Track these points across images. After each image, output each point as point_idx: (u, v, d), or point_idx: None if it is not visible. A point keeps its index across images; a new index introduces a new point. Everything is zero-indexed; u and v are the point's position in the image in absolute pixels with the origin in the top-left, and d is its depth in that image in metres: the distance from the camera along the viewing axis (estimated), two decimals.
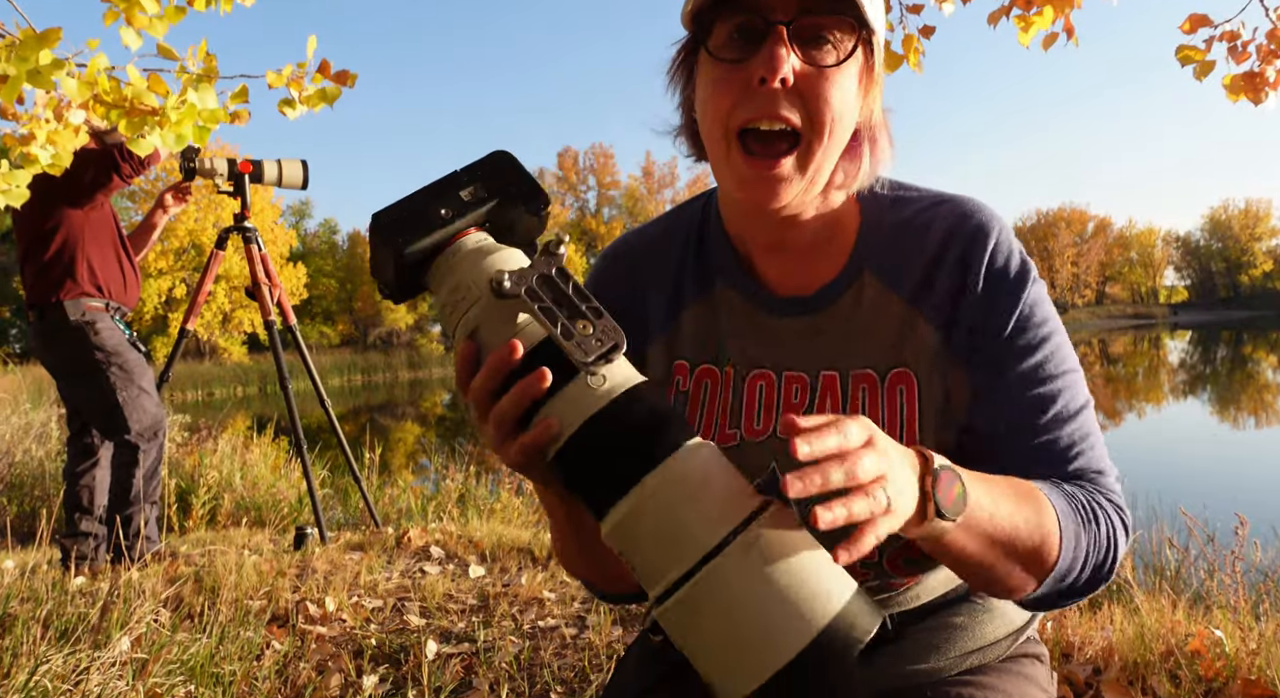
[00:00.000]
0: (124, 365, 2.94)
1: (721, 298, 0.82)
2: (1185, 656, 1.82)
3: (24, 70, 1.63)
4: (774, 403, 0.78)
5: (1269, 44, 2.59)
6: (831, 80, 0.68)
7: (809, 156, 0.70)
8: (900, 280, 0.76)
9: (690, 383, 0.82)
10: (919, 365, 0.74)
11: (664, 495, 0.53)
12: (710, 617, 0.50)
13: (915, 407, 0.74)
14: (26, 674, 1.69)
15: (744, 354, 0.80)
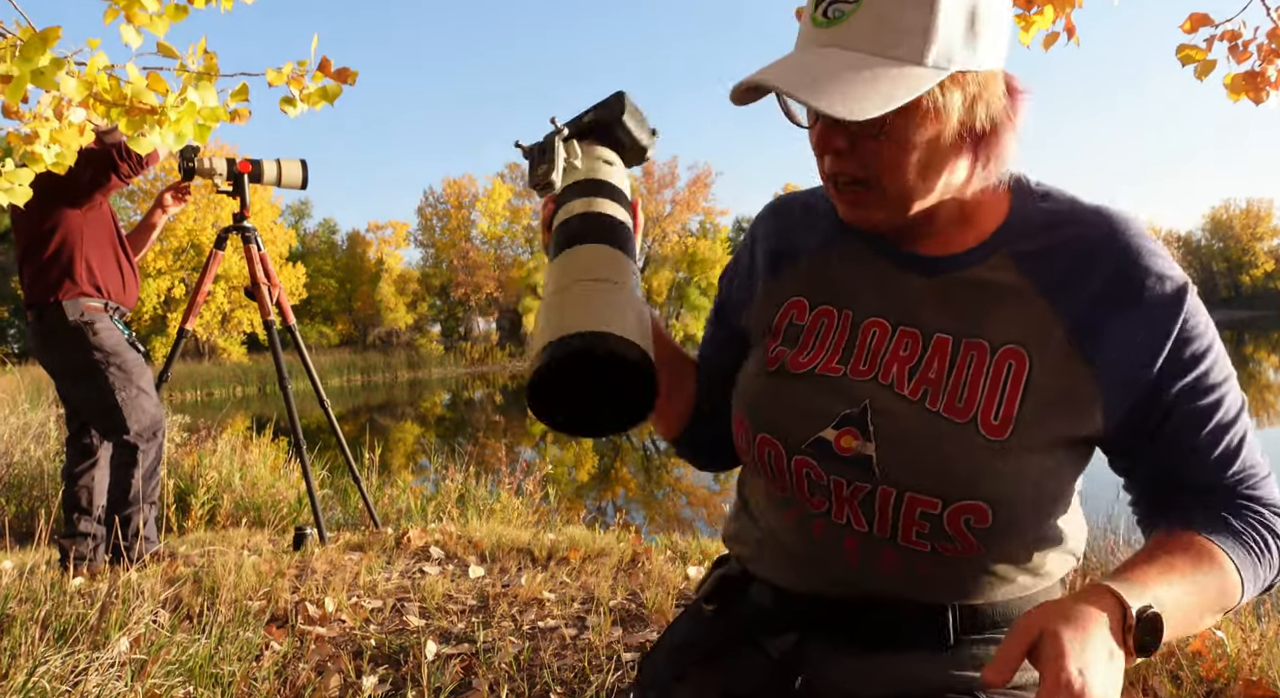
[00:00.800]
0: (123, 366, 2.94)
1: (850, 247, 0.87)
2: (1186, 656, 1.81)
3: (28, 70, 1.63)
4: (882, 350, 0.81)
5: (1270, 43, 2.59)
6: (883, 141, 0.72)
7: (884, 194, 0.75)
8: (1038, 268, 0.77)
9: (808, 318, 0.87)
10: (1036, 351, 0.75)
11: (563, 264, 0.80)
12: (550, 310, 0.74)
13: (1020, 384, 0.75)
14: (25, 675, 1.68)
15: (863, 301, 0.85)
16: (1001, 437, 0.74)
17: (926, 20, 0.68)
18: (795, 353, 0.86)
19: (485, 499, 4.60)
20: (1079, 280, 0.75)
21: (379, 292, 40.84)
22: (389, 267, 42.25)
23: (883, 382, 0.80)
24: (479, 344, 41.38)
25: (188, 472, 4.61)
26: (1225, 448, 0.75)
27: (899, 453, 0.77)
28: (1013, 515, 0.75)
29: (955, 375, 0.77)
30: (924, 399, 0.77)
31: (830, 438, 0.80)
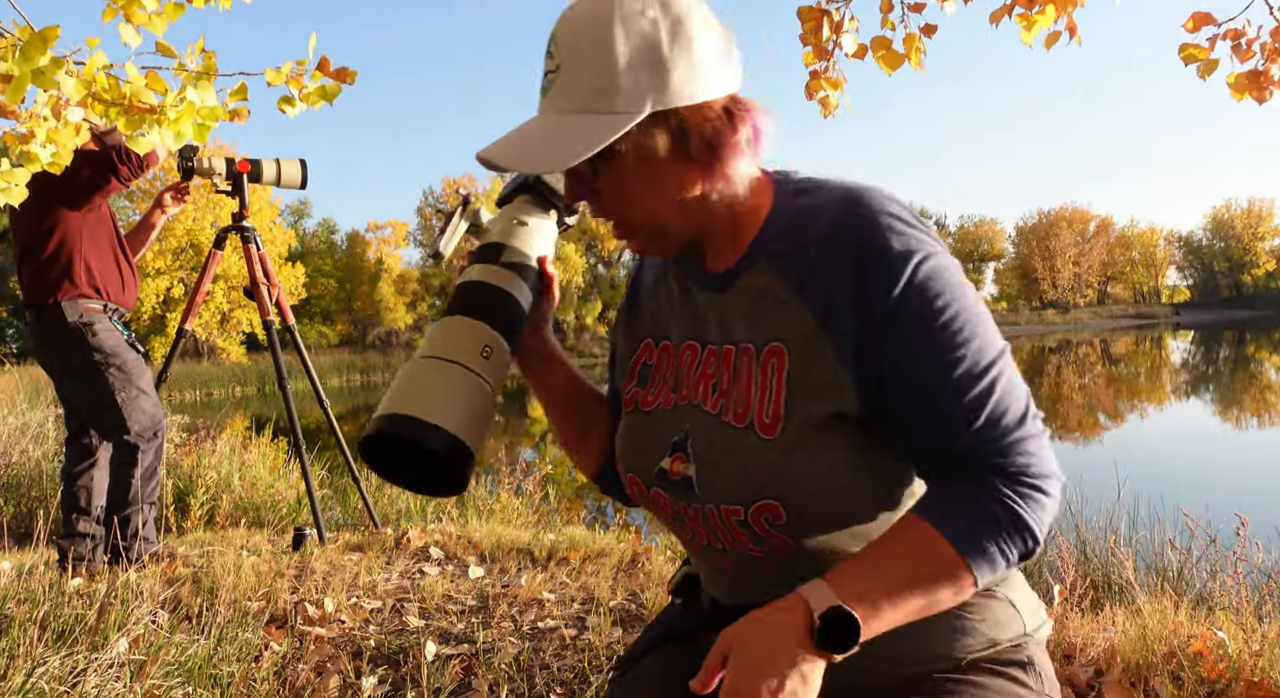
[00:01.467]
0: (122, 366, 2.93)
1: (675, 279, 0.94)
2: (1188, 657, 1.81)
3: (28, 70, 1.62)
4: (694, 372, 0.89)
5: (1273, 42, 2.58)
6: (607, 190, 0.81)
7: (641, 229, 0.83)
8: (788, 266, 0.81)
9: (655, 356, 0.95)
10: (793, 343, 0.80)
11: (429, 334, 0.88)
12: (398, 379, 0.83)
13: (783, 379, 0.80)
14: (23, 676, 1.68)
15: (681, 327, 0.92)
16: (774, 435, 0.79)
17: (607, 75, 0.75)
18: (645, 392, 0.93)
19: (485, 499, 4.60)
20: (823, 267, 0.79)
21: (378, 292, 40.84)
22: (389, 266, 42.24)
23: (695, 402, 0.87)
24: None
25: (187, 472, 4.61)
26: (965, 409, 0.75)
27: (707, 467, 0.84)
28: (804, 507, 0.79)
29: (736, 383, 0.83)
30: (720, 412, 0.84)
31: (666, 466, 0.88)
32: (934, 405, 0.75)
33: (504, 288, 0.90)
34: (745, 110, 0.81)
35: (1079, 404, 13.09)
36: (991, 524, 0.73)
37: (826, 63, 2.83)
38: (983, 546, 0.73)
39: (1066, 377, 18.82)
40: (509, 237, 0.94)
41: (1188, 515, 2.92)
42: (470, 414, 0.79)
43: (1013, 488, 0.74)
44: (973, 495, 0.75)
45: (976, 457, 0.75)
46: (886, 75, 2.78)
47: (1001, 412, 0.75)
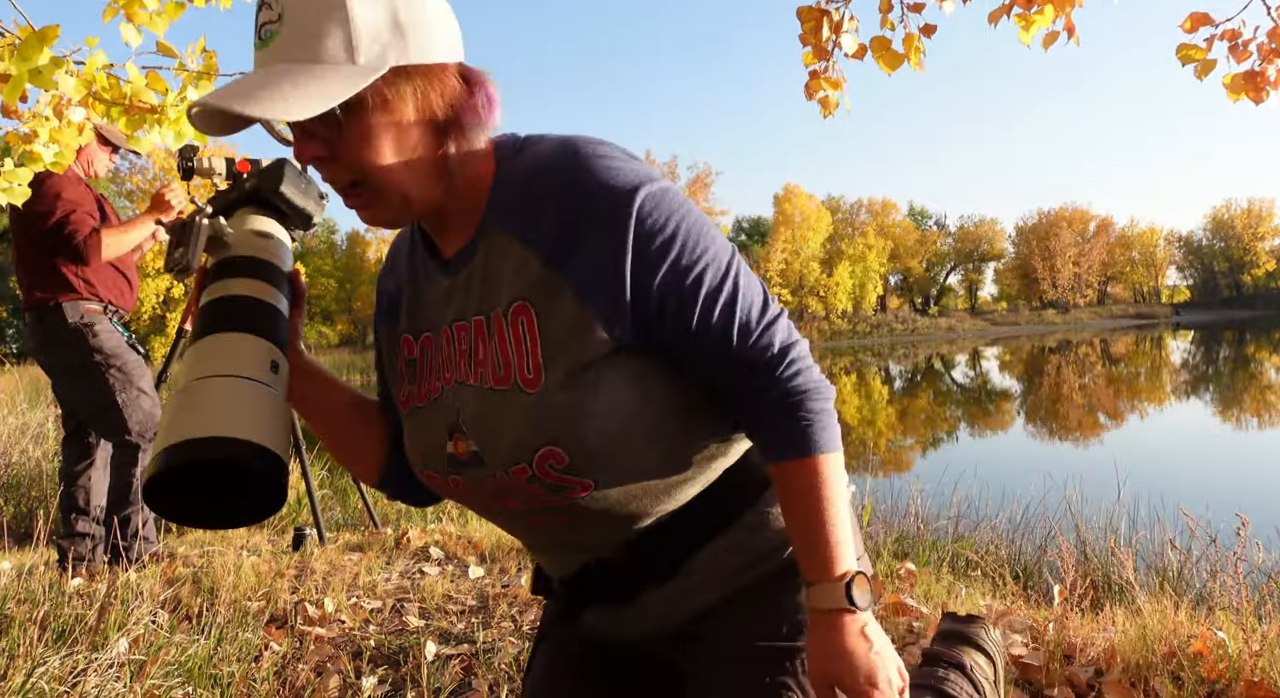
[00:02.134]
0: (123, 367, 2.93)
1: (424, 270, 0.93)
2: (1188, 657, 1.81)
3: (26, 69, 1.63)
4: (452, 354, 0.89)
5: (1270, 43, 2.58)
6: (352, 138, 0.77)
7: (380, 190, 0.80)
8: (520, 226, 0.83)
9: (417, 349, 0.94)
10: (534, 298, 0.82)
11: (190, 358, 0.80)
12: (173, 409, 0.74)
13: (535, 334, 0.82)
14: (23, 676, 1.68)
15: (436, 315, 0.92)
16: (538, 387, 0.81)
17: (344, 28, 0.73)
18: (416, 389, 0.94)
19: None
20: (549, 218, 0.81)
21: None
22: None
23: (460, 379, 0.88)
24: None
25: None
26: (722, 325, 0.82)
27: (484, 436, 0.85)
28: (581, 444, 0.81)
29: (490, 350, 0.85)
30: (482, 381, 0.85)
31: (452, 450, 0.89)
32: (695, 324, 0.81)
33: (271, 302, 0.85)
34: (477, 75, 0.82)
35: (1079, 404, 13.09)
36: (810, 412, 0.84)
37: (826, 63, 2.83)
38: (822, 433, 0.84)
39: (1066, 377, 18.82)
40: (259, 250, 0.88)
41: (1188, 515, 2.92)
42: (277, 431, 0.73)
43: (788, 374, 0.84)
44: (777, 403, 0.84)
45: (752, 363, 0.83)
46: (886, 75, 2.78)
47: (748, 309, 0.83)
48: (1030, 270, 61.87)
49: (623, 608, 0.95)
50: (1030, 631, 2.08)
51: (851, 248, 54.73)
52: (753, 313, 0.83)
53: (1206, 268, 69.67)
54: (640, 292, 0.80)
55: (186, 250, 0.84)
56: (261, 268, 0.87)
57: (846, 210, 59.67)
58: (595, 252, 0.79)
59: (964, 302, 69.43)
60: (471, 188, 0.85)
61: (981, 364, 26.91)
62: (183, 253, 0.85)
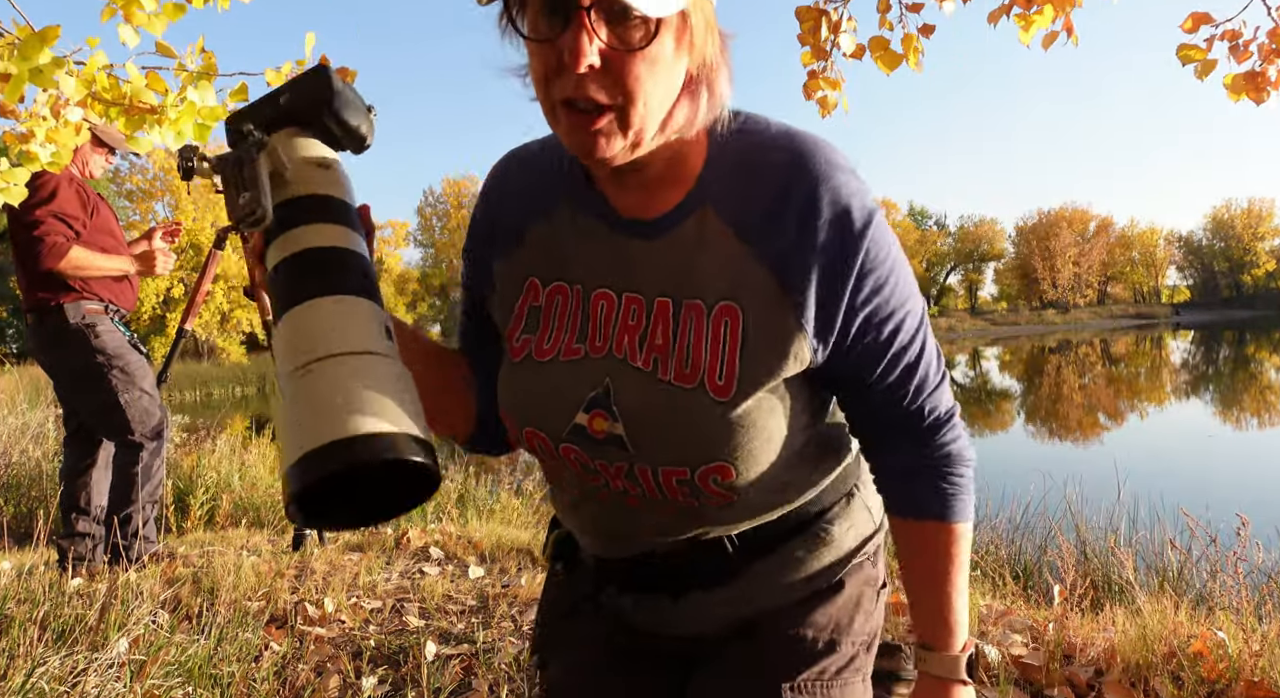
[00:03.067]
0: (125, 368, 2.93)
1: (571, 216, 0.84)
2: (1188, 657, 1.81)
3: (26, 69, 1.62)
4: (613, 322, 0.81)
5: (1270, 43, 2.58)
6: (640, 58, 0.68)
7: (627, 121, 0.70)
8: (737, 217, 0.77)
9: (543, 298, 0.86)
10: (747, 301, 0.77)
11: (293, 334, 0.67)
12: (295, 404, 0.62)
13: (737, 340, 0.77)
14: (23, 676, 1.68)
15: (590, 272, 0.83)
16: (728, 396, 0.76)
17: None
18: (538, 339, 0.85)
19: (485, 499, 4.60)
20: (775, 218, 0.76)
21: None
22: (388, 266, 42.23)
23: (617, 356, 0.80)
24: None
25: (187, 472, 4.61)
26: (905, 372, 0.81)
27: (643, 428, 0.79)
28: (752, 465, 0.79)
29: (680, 340, 0.78)
30: (656, 369, 0.79)
31: (584, 423, 0.81)
32: (882, 375, 0.81)
33: (357, 250, 0.70)
34: (728, 34, 0.76)
35: (1079, 404, 13.09)
36: (959, 479, 0.86)
37: (825, 63, 2.83)
38: (965, 500, 0.86)
39: (1066, 377, 18.82)
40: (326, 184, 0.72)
41: (1188, 515, 2.92)
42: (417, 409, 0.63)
43: (946, 439, 0.85)
44: (931, 465, 0.85)
45: (918, 420, 0.84)
46: (884, 76, 2.78)
47: (927, 362, 0.82)
48: (1030, 270, 61.88)
49: (664, 602, 0.92)
50: (1030, 631, 2.08)
51: None
52: (931, 372, 0.82)
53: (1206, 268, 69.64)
54: (846, 321, 0.77)
55: (256, 194, 0.67)
56: (334, 207, 0.71)
57: None
58: (824, 273, 0.75)
59: (964, 302, 69.43)
60: (684, 152, 0.79)
61: (981, 364, 26.91)
62: (252, 198, 0.67)
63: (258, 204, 0.66)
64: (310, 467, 0.57)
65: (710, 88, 0.75)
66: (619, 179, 0.80)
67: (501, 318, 0.90)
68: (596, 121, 0.70)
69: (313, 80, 0.74)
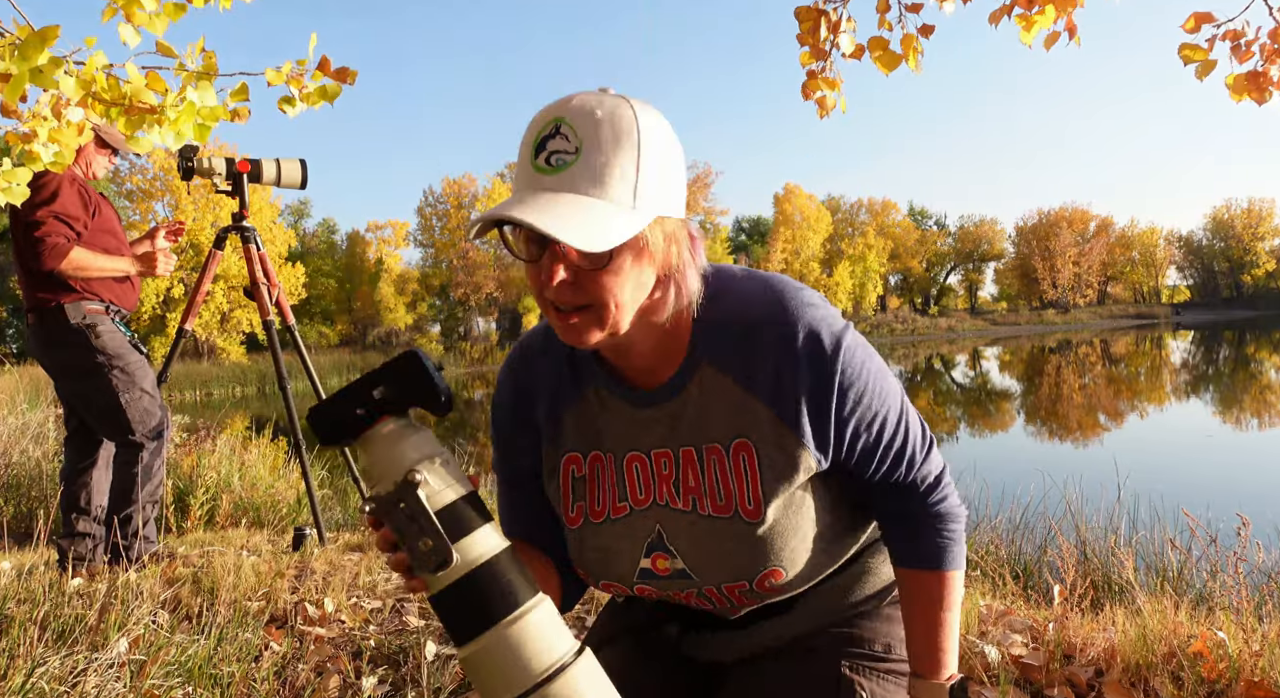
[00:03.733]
0: (126, 368, 2.93)
1: (595, 397, 1.01)
2: (1188, 657, 1.81)
3: (26, 69, 1.62)
4: (650, 476, 0.98)
5: (1272, 43, 2.58)
6: (601, 274, 0.83)
7: (601, 319, 0.85)
8: (731, 365, 0.93)
9: (585, 468, 1.02)
10: (756, 435, 0.93)
11: (491, 651, 0.77)
12: None
13: (756, 468, 0.93)
14: (23, 676, 1.68)
15: (619, 441, 1.00)
16: (759, 517, 0.94)
17: (632, 172, 0.81)
18: (589, 504, 1.01)
19: (485, 499, 4.59)
20: (762, 361, 0.92)
21: (379, 292, 40.85)
22: (389, 267, 42.24)
23: (659, 503, 0.98)
24: (479, 344, 41.35)
25: (187, 472, 4.61)
26: (895, 455, 0.98)
27: (699, 558, 0.97)
28: (797, 561, 0.97)
29: (708, 478, 0.95)
30: (695, 507, 0.96)
31: (648, 566, 0.99)
32: (879, 463, 0.98)
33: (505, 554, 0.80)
34: (696, 237, 0.91)
35: (1079, 404, 13.09)
36: (949, 534, 1.02)
37: (824, 63, 2.83)
38: (955, 552, 1.01)
39: (1066, 377, 18.82)
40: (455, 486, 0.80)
41: (1188, 515, 2.92)
42: None
43: (937, 500, 1.01)
44: (917, 523, 1.02)
45: (913, 488, 1.01)
46: (884, 76, 2.78)
47: (913, 442, 0.99)
48: (1030, 270, 61.83)
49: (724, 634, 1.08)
50: (1030, 631, 2.08)
51: (851, 248, 54.71)
52: (917, 449, 0.99)
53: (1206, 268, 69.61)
54: (839, 431, 0.94)
55: (442, 543, 0.77)
56: (477, 508, 0.81)
57: (846, 210, 59.63)
58: (811, 398, 0.91)
59: (964, 302, 69.41)
60: (671, 329, 0.94)
61: (981, 364, 26.91)
62: (438, 546, 0.77)
63: (446, 550, 0.77)
64: None
65: (678, 286, 0.90)
66: (622, 356, 0.97)
67: (553, 492, 1.05)
68: (574, 318, 0.85)
69: (409, 367, 0.82)
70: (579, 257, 0.82)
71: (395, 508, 0.78)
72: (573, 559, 1.05)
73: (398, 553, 0.80)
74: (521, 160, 0.84)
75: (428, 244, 43.56)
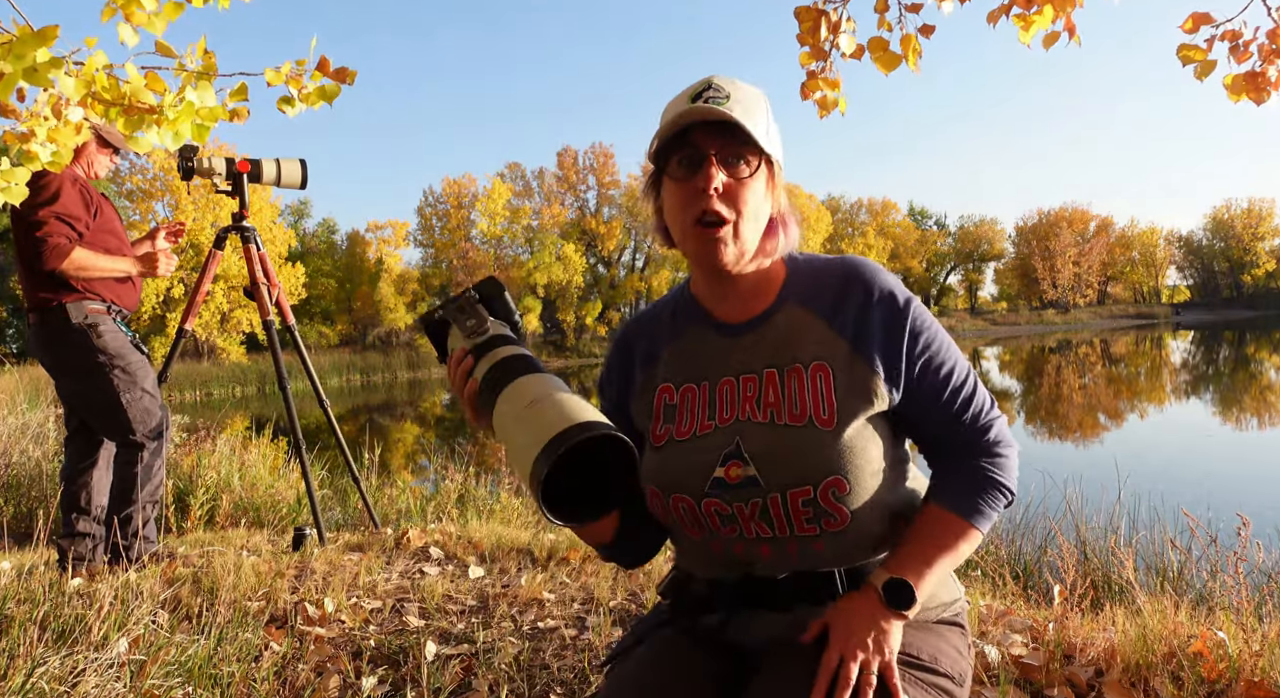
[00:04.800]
0: (126, 368, 2.93)
1: (691, 334, 1.17)
2: (1188, 657, 1.81)
3: (20, 68, 1.62)
4: (736, 398, 1.10)
5: (1271, 44, 2.58)
6: (747, 186, 1.05)
7: (738, 232, 1.05)
8: (816, 304, 1.10)
9: (677, 397, 1.15)
10: (834, 361, 1.07)
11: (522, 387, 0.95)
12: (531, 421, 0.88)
13: (831, 388, 1.05)
14: (23, 676, 1.68)
15: (713, 368, 1.13)
16: (833, 426, 1.03)
17: (765, 118, 1.06)
18: (676, 426, 1.13)
19: (485, 500, 4.60)
20: (843, 304, 1.09)
21: (378, 292, 40.80)
22: (388, 267, 42.20)
23: (742, 419, 1.08)
24: None
25: (187, 472, 4.61)
26: (963, 400, 1.09)
27: (769, 463, 1.04)
28: (860, 479, 1.03)
29: (788, 394, 1.06)
30: (773, 419, 1.06)
31: (721, 475, 1.06)
32: (945, 405, 1.09)
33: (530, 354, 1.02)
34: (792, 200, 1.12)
35: (1079, 404, 13.08)
36: (982, 491, 1.08)
37: (823, 63, 2.83)
38: (978, 507, 1.08)
39: (1066, 377, 18.81)
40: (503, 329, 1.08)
41: (1188, 515, 2.92)
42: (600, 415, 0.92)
43: (990, 460, 1.09)
44: (968, 473, 1.09)
45: (970, 438, 1.10)
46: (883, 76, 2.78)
47: (980, 405, 1.10)
48: (1030, 270, 61.80)
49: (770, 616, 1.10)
50: (1030, 631, 2.08)
51: (851, 248, 54.69)
52: (985, 403, 1.10)
53: (1206, 268, 69.58)
54: (909, 367, 1.07)
55: (481, 320, 1.05)
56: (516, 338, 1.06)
57: (846, 210, 59.61)
58: (886, 337, 1.06)
59: (964, 302, 69.36)
60: (768, 273, 1.13)
61: (981, 364, 26.90)
62: (477, 323, 1.05)
63: (483, 324, 1.05)
64: (554, 445, 0.82)
65: (785, 227, 1.12)
66: (721, 296, 1.14)
67: (642, 418, 1.18)
68: (719, 231, 1.04)
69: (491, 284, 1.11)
70: (729, 171, 1.03)
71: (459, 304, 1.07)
72: (647, 479, 1.12)
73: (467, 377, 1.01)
74: (676, 108, 1.04)
75: (428, 244, 43.53)
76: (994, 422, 1.10)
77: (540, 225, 42.80)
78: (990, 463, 1.09)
